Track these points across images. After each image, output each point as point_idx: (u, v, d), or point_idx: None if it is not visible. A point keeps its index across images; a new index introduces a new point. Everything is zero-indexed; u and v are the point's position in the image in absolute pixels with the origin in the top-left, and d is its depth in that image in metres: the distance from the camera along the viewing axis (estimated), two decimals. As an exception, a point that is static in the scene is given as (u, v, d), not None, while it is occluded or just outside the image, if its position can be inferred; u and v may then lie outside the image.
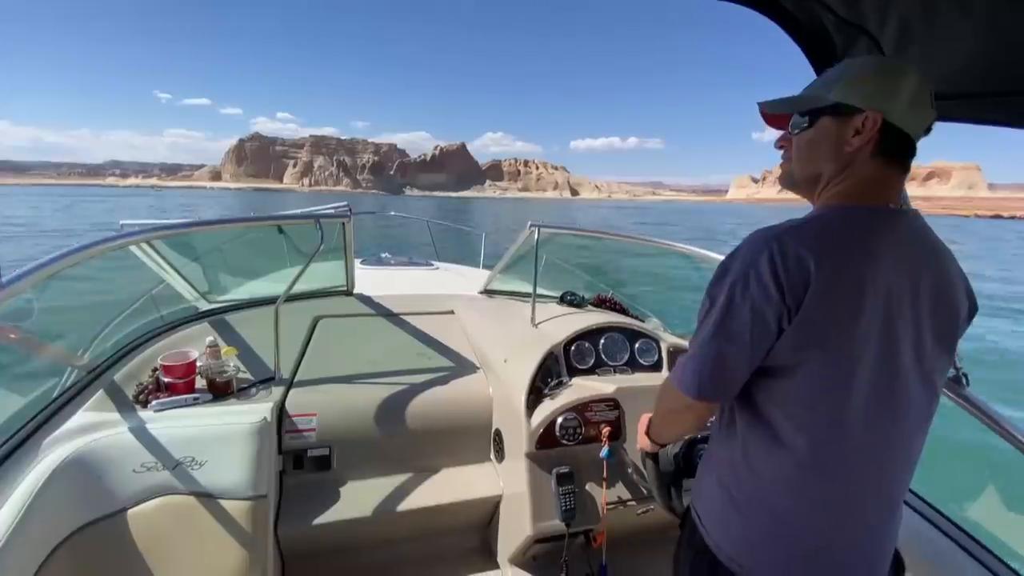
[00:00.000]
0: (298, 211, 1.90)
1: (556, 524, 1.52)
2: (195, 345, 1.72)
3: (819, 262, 0.74)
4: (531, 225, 2.08)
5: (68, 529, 1.24)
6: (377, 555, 1.74)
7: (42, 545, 1.17)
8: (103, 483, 1.31)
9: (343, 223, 1.92)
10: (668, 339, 1.97)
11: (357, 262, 2.23)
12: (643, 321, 2.25)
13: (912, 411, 0.85)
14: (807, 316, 0.76)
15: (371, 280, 2.54)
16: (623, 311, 2.42)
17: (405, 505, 1.66)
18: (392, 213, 6.26)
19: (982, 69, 0.98)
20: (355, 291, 2.35)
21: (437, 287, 2.85)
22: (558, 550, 1.56)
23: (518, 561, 1.68)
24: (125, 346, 1.71)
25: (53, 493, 1.20)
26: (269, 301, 2.03)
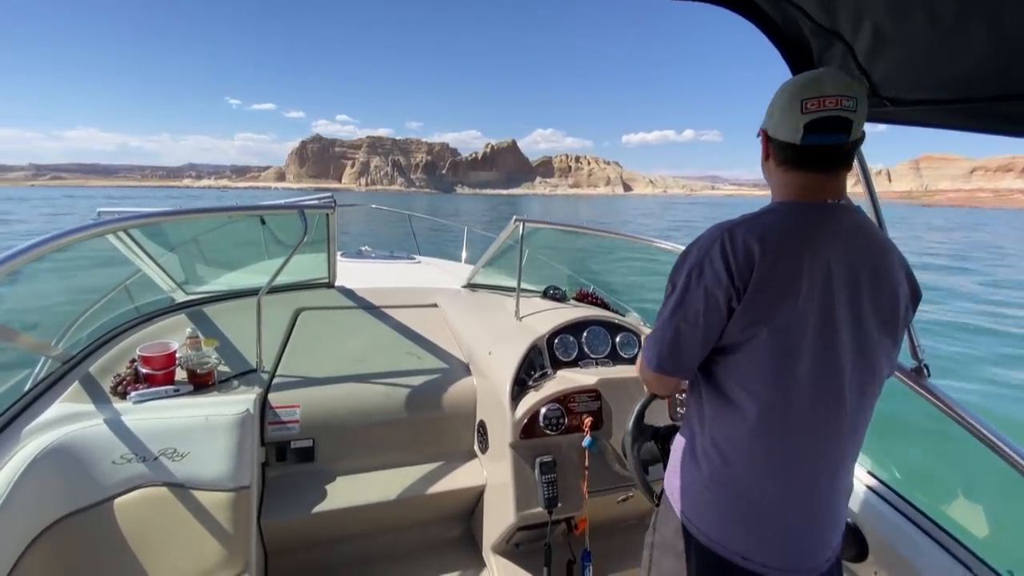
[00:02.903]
0: (281, 202, 1.87)
1: (539, 511, 1.53)
2: (173, 336, 1.72)
3: (763, 250, 0.87)
4: (516, 219, 2.08)
5: (47, 520, 1.25)
6: (361, 546, 1.73)
7: (21, 536, 1.17)
8: (82, 474, 1.31)
9: (327, 214, 1.88)
10: (648, 332, 1.87)
11: (337, 255, 2.19)
12: (623, 315, 2.25)
13: (855, 388, 0.93)
14: (753, 296, 0.88)
15: (352, 273, 2.53)
16: (604, 306, 2.42)
17: (389, 496, 1.66)
18: (373, 206, 6.46)
19: (950, 76, 1.05)
20: (336, 284, 2.33)
21: (420, 280, 2.84)
22: (540, 537, 1.57)
23: (501, 549, 1.69)
24: (100, 337, 1.74)
25: (31, 484, 1.20)
26: (248, 293, 2.02)
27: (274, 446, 1.67)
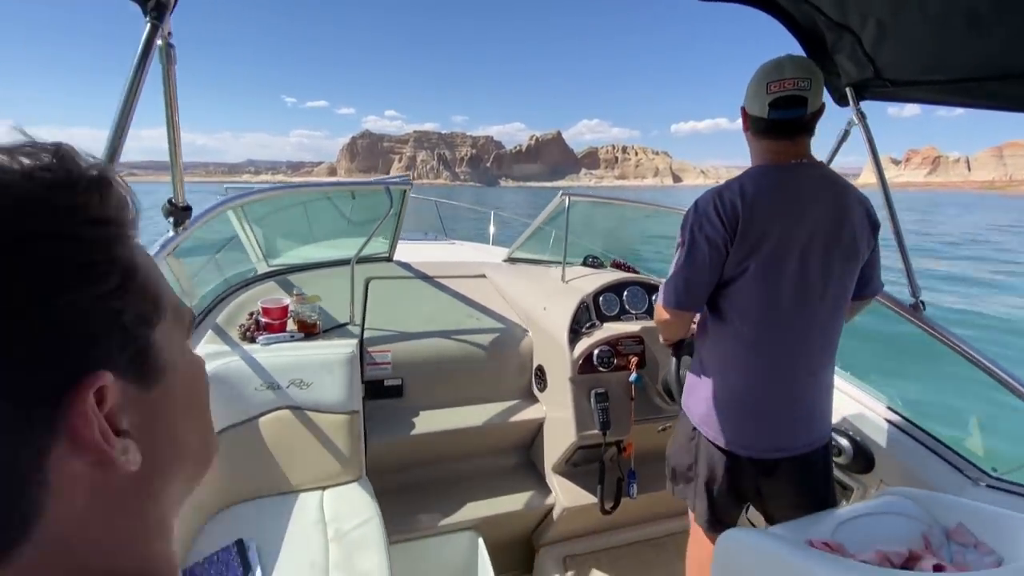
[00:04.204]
0: (369, 179, 2.19)
1: (595, 433, 1.79)
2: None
3: (744, 202, 1.14)
4: (562, 194, 2.34)
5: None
6: (442, 469, 2.07)
7: None
8: (234, 397, 1.67)
9: (404, 191, 2.20)
10: None
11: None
12: None
13: (824, 306, 1.18)
14: (741, 239, 1.14)
15: (398, 251, 2.79)
16: (635, 273, 2.61)
17: (464, 427, 1.99)
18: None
19: (940, 61, 1.24)
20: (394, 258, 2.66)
21: (461, 257, 3.14)
22: (595, 458, 1.85)
23: (560, 469, 1.98)
24: (216, 296, 2.11)
25: None
26: (324, 264, 2.38)
27: (371, 384, 2.00)
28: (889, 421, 1.56)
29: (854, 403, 1.68)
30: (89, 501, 0.25)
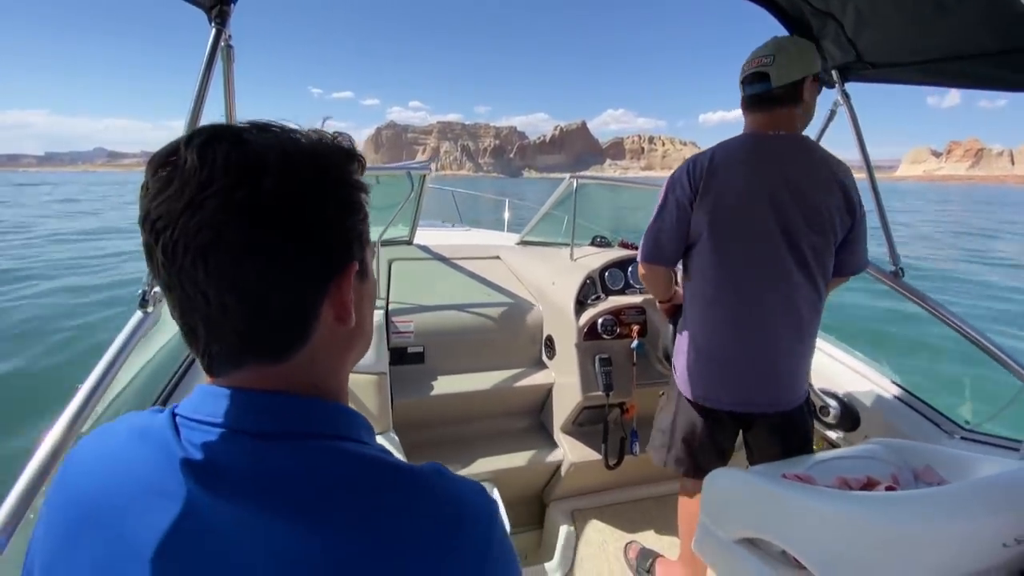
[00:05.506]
0: (392, 165, 2.36)
1: (599, 395, 1.93)
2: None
3: (711, 165, 1.24)
4: (570, 177, 2.52)
5: None
6: (460, 429, 2.25)
7: None
8: None
9: (423, 175, 2.38)
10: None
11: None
12: None
13: (789, 272, 1.24)
14: (702, 197, 1.25)
15: (416, 237, 2.99)
16: None
17: (479, 391, 2.16)
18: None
19: (913, 44, 1.36)
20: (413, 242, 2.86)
21: (478, 241, 3.33)
22: (599, 419, 2.00)
23: (568, 429, 2.13)
24: None
25: None
26: None
27: (395, 351, 2.18)
28: (873, 382, 1.68)
29: (840, 366, 1.81)
30: (327, 339, 0.42)
